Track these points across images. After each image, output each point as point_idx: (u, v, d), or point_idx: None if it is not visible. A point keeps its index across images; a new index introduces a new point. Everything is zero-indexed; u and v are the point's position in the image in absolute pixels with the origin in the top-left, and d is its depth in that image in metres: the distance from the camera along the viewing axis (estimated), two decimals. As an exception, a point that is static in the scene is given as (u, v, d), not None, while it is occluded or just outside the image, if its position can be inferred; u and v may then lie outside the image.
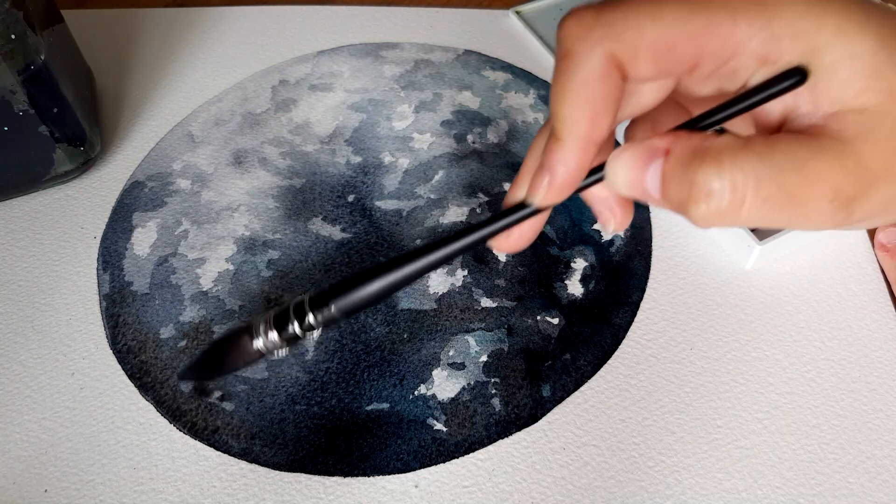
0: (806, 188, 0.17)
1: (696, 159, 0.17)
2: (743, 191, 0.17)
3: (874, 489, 0.30)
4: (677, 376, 0.34)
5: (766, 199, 0.17)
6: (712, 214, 0.17)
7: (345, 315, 0.21)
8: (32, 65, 0.37)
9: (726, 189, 0.17)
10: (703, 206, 0.17)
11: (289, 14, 0.54)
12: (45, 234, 0.40)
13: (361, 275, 0.21)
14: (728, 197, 0.17)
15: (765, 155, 0.17)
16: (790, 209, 0.17)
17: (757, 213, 0.17)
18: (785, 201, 0.17)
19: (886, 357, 0.34)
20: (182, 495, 0.31)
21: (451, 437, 0.32)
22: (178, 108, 0.47)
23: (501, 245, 0.22)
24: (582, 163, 0.19)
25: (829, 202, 0.17)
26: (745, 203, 0.17)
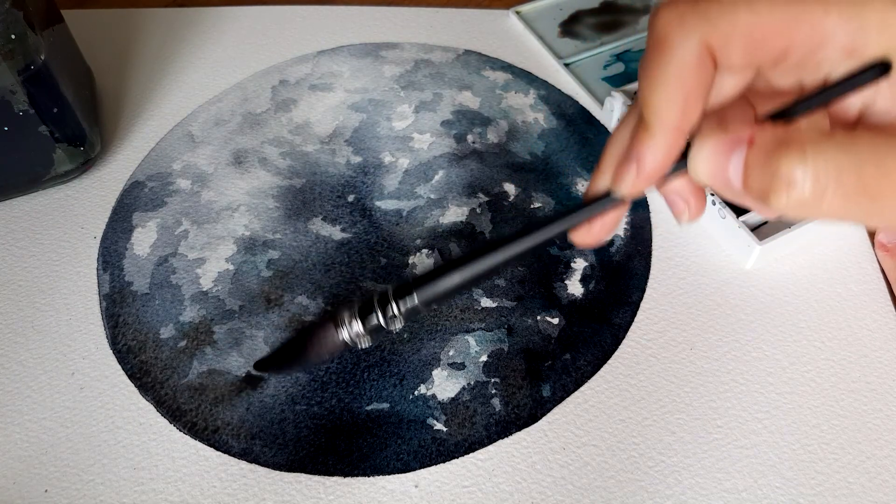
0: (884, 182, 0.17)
1: (780, 148, 0.17)
2: (825, 181, 0.16)
3: (874, 489, 0.30)
4: (677, 376, 0.34)
5: (847, 192, 0.17)
6: (794, 204, 0.17)
7: (427, 305, 0.21)
8: (32, 65, 0.37)
9: (808, 179, 0.17)
10: (785, 196, 0.17)
11: (289, 14, 0.54)
12: (45, 234, 0.40)
13: (444, 266, 0.21)
14: (810, 187, 0.17)
15: (847, 146, 0.17)
16: (868, 203, 0.17)
17: (837, 205, 0.17)
18: (863, 194, 0.17)
19: (886, 357, 0.34)
20: (182, 495, 0.31)
21: (451, 437, 0.32)
22: (178, 108, 0.47)
23: (583, 238, 0.22)
24: (671, 153, 0.19)
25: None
26: (826, 194, 0.17)
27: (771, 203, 0.17)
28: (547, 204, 0.40)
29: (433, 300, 0.21)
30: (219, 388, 0.34)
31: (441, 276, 0.21)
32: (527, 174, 0.42)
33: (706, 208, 0.22)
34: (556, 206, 0.40)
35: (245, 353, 0.35)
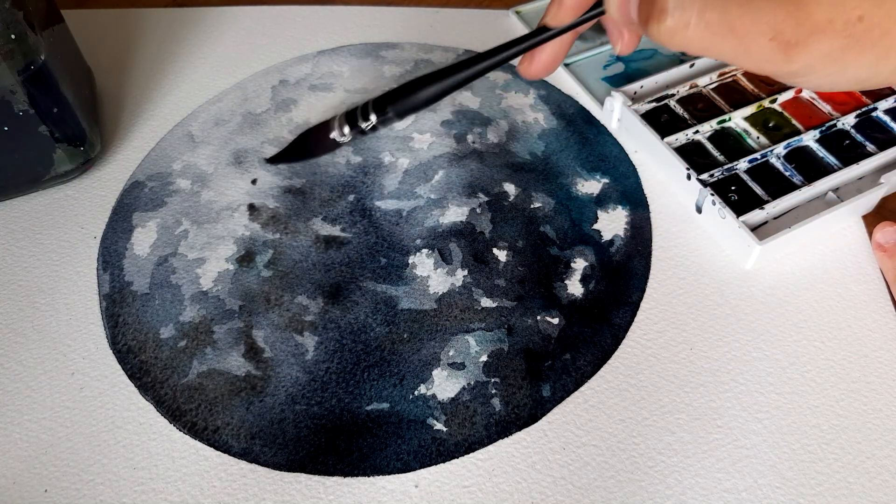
0: (747, 21, 0.19)
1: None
2: (690, 12, 0.19)
3: (874, 489, 0.30)
4: (677, 376, 0.34)
5: (709, 24, 0.19)
6: (664, 31, 0.20)
7: (398, 115, 0.26)
8: (32, 65, 0.37)
9: (676, 9, 0.19)
10: (656, 24, 0.20)
11: (289, 14, 0.54)
12: (45, 234, 0.40)
13: (412, 84, 0.26)
14: (677, 16, 0.20)
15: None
16: (732, 39, 0.19)
17: (701, 36, 0.20)
18: (727, 30, 0.19)
19: (886, 357, 0.34)
20: (182, 495, 0.31)
21: (451, 437, 0.32)
22: (178, 108, 0.47)
23: (526, 68, 0.25)
24: None
25: (769, 41, 0.19)
26: (689, 24, 0.19)
27: (648, 31, 0.20)
28: (547, 204, 0.40)
29: (402, 112, 0.26)
30: (219, 388, 0.34)
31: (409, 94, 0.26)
32: (527, 174, 0.42)
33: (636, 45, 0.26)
34: (556, 205, 0.40)
35: (245, 353, 0.35)
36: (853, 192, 0.39)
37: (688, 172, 0.39)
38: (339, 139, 0.28)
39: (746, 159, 0.40)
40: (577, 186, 0.41)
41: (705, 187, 0.38)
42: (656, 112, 0.44)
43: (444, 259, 0.38)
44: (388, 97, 0.26)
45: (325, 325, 0.36)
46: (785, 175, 0.40)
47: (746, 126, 0.43)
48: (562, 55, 0.25)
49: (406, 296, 0.37)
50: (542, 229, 0.39)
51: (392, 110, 0.26)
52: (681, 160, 0.39)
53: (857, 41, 0.19)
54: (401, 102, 0.26)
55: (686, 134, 0.42)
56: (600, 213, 0.40)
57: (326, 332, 0.35)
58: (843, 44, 0.19)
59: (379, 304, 0.36)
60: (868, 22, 0.19)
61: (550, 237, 0.39)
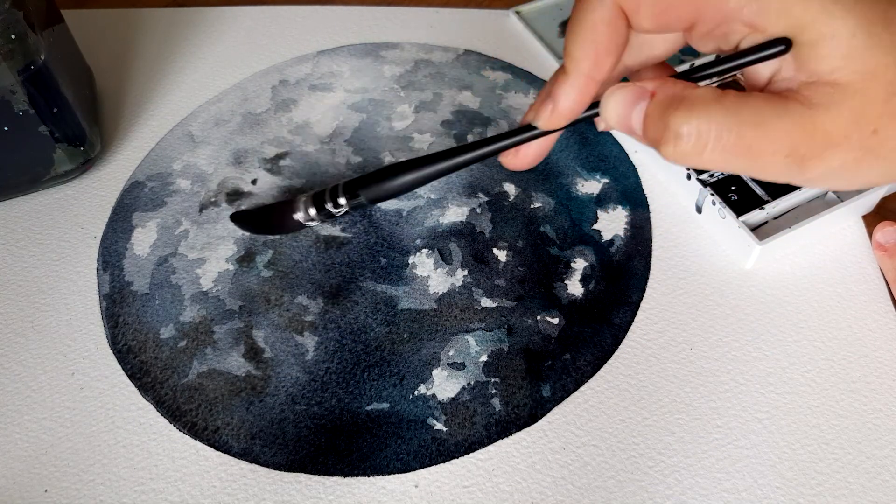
0: (764, 142, 0.19)
1: (673, 105, 0.20)
2: (706, 138, 0.19)
3: (874, 489, 0.30)
4: (677, 376, 0.34)
5: (726, 148, 0.19)
6: (679, 154, 0.20)
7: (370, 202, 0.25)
8: (32, 65, 0.37)
9: (692, 135, 0.19)
10: (671, 147, 0.20)
11: (289, 14, 0.54)
12: (45, 234, 0.40)
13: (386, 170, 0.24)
14: (693, 142, 0.19)
15: (732, 109, 0.19)
16: (747, 159, 0.19)
17: (718, 158, 0.19)
18: (743, 151, 0.19)
19: (886, 357, 0.34)
20: (182, 495, 0.31)
21: (451, 437, 0.32)
22: (178, 108, 0.47)
23: (510, 161, 0.24)
24: (583, 96, 0.21)
25: (784, 157, 0.19)
26: (706, 148, 0.19)
27: (661, 151, 0.20)
28: (547, 204, 0.40)
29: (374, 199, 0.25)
30: (219, 388, 0.34)
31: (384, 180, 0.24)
32: (527, 174, 0.42)
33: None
34: (556, 205, 0.40)
35: (245, 353, 0.35)
36: (853, 192, 0.39)
37: (688, 172, 0.39)
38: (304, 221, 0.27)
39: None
40: (577, 186, 0.41)
41: (705, 187, 0.38)
42: (656, 112, 0.44)
43: (444, 259, 0.38)
44: (360, 182, 0.25)
45: (325, 326, 0.36)
46: (785, 175, 0.40)
47: (746, 126, 0.43)
48: (549, 148, 0.24)
49: (406, 296, 0.37)
50: (542, 229, 0.39)
51: (364, 196, 0.25)
52: (681, 160, 0.39)
53: (872, 152, 0.19)
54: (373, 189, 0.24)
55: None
56: (600, 213, 0.40)
57: (326, 332, 0.35)
58: (857, 156, 0.19)
59: (379, 304, 0.36)
60: (882, 135, 0.19)
61: (550, 237, 0.39)
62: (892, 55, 0.18)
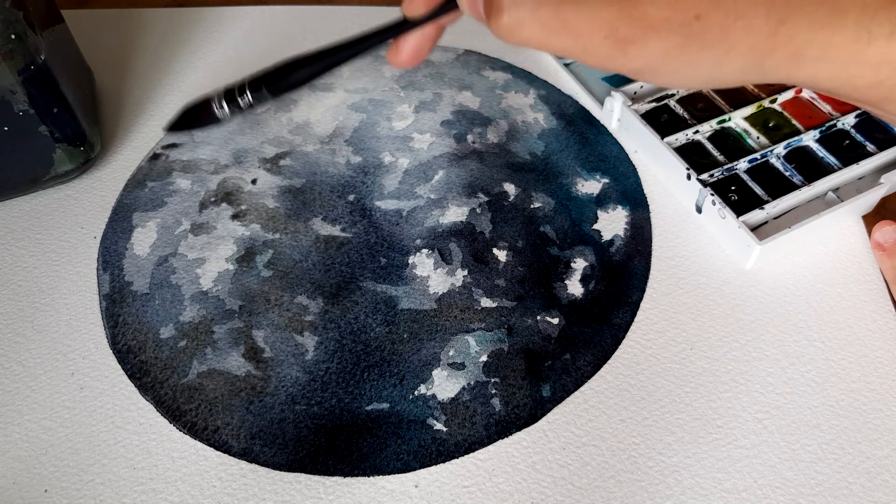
0: (581, 18, 0.19)
1: None
2: (523, 10, 0.20)
3: (874, 489, 0.30)
4: (677, 376, 0.34)
5: (543, 22, 0.20)
6: (502, 29, 0.21)
7: (272, 94, 0.28)
8: (32, 65, 0.37)
9: (511, 6, 0.20)
10: (495, 21, 0.21)
11: (289, 14, 0.54)
12: (45, 234, 0.40)
13: (284, 66, 0.28)
14: (512, 13, 0.20)
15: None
16: (568, 37, 0.20)
17: (538, 34, 0.20)
18: (561, 27, 0.20)
19: (886, 357, 0.34)
20: (182, 495, 0.31)
21: (451, 437, 0.32)
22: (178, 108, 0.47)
23: (393, 57, 0.26)
24: None
25: (604, 38, 0.19)
26: (524, 22, 0.20)
27: (490, 27, 0.21)
28: (547, 204, 0.40)
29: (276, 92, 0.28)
30: (219, 388, 0.34)
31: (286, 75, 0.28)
32: (527, 174, 0.42)
33: None
34: (556, 205, 0.40)
35: (245, 353, 0.35)
36: (853, 192, 0.39)
37: (688, 172, 0.39)
38: (219, 116, 0.30)
39: (746, 159, 0.40)
40: (577, 186, 0.41)
41: (705, 187, 0.38)
42: (656, 112, 0.44)
43: (444, 259, 0.38)
44: (264, 78, 0.28)
45: (325, 325, 0.36)
46: (785, 175, 0.40)
47: (746, 126, 0.43)
48: (427, 47, 0.26)
49: (406, 296, 0.37)
50: (542, 229, 0.39)
51: (266, 90, 0.28)
52: (681, 160, 0.39)
53: (696, 39, 0.19)
54: (276, 84, 0.28)
55: (686, 134, 0.42)
56: (600, 213, 0.40)
57: (326, 332, 0.35)
58: (680, 42, 0.19)
59: (379, 304, 0.36)
60: (705, 21, 0.19)
61: (550, 237, 0.39)
62: None
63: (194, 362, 0.35)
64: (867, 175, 0.40)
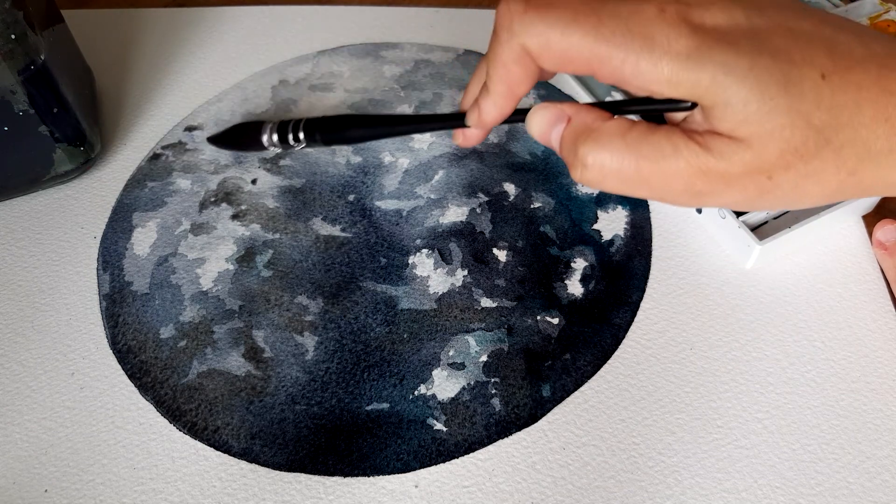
0: (659, 177, 0.22)
1: (583, 135, 0.22)
2: (608, 169, 0.22)
3: (874, 489, 0.30)
4: (677, 376, 0.34)
5: (625, 179, 0.22)
6: (585, 180, 0.23)
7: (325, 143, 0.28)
8: (32, 65, 0.37)
9: (596, 165, 0.22)
10: (578, 173, 0.23)
11: (289, 14, 0.54)
12: (45, 234, 0.40)
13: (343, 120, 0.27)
14: (596, 171, 0.22)
15: (633, 144, 0.22)
16: (647, 189, 0.22)
17: (619, 186, 0.22)
18: (642, 183, 0.22)
19: (886, 357, 0.34)
20: (182, 495, 0.31)
21: (451, 437, 0.32)
22: (178, 108, 0.47)
23: (459, 141, 0.27)
24: (502, 111, 0.25)
25: (682, 192, 0.22)
26: (607, 179, 0.22)
27: (572, 174, 0.23)
28: (547, 204, 0.40)
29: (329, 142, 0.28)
30: (219, 388, 0.34)
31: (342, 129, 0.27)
32: (527, 174, 0.42)
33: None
34: (556, 205, 0.40)
35: (245, 353, 0.35)
36: (853, 192, 0.39)
37: (688, 172, 0.39)
38: (266, 145, 0.29)
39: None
40: (577, 186, 0.41)
41: (705, 187, 0.38)
42: (656, 112, 0.44)
43: (444, 259, 0.38)
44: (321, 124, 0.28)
45: (325, 325, 0.36)
46: (785, 175, 0.40)
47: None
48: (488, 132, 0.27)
49: (406, 296, 0.37)
50: (542, 229, 0.39)
51: (320, 138, 0.28)
52: (681, 160, 0.39)
53: (768, 192, 0.21)
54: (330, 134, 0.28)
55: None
56: (600, 213, 0.40)
57: (326, 332, 0.35)
58: (753, 195, 0.21)
59: (379, 304, 0.36)
60: (776, 180, 0.21)
61: (550, 237, 0.39)
62: (788, 116, 0.20)
63: (194, 362, 0.35)
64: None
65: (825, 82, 0.20)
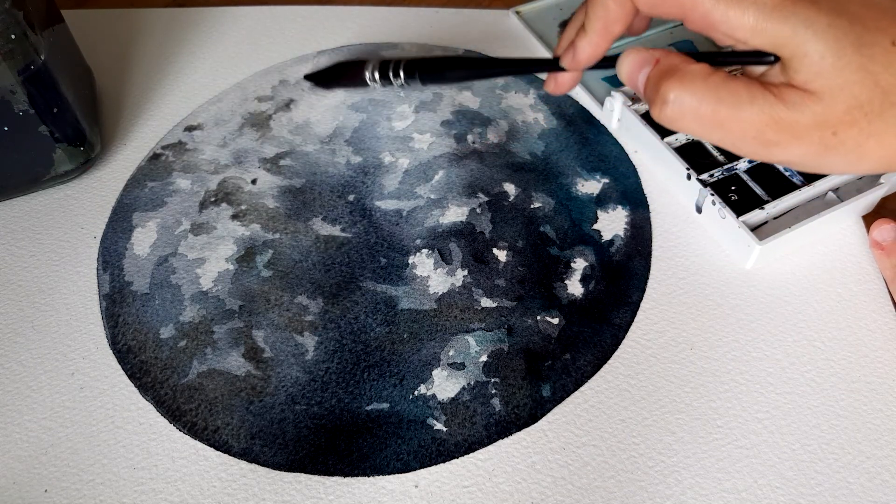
0: (734, 121, 0.23)
1: (668, 74, 0.23)
2: (687, 108, 0.23)
3: (874, 489, 0.30)
4: (677, 376, 0.34)
5: (702, 119, 0.23)
6: (663, 117, 0.24)
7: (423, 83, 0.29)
8: (32, 65, 0.37)
9: (676, 102, 0.23)
10: (658, 109, 0.24)
11: (289, 14, 0.54)
12: (45, 234, 0.40)
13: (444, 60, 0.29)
14: (676, 108, 0.23)
15: (713, 88, 0.23)
16: (721, 132, 0.23)
17: (695, 126, 0.23)
18: (717, 125, 0.23)
19: (886, 357, 0.34)
20: (182, 495, 0.31)
21: (451, 437, 0.32)
22: (178, 108, 0.47)
23: (550, 88, 0.29)
24: (596, 50, 0.26)
25: (752, 138, 0.23)
26: (685, 117, 0.23)
27: (652, 111, 0.24)
28: (547, 204, 0.40)
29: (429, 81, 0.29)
30: (219, 388, 0.34)
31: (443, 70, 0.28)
32: (527, 174, 0.42)
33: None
34: (556, 205, 0.40)
35: (245, 353, 0.35)
36: (853, 192, 0.39)
37: (688, 172, 0.39)
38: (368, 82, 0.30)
39: (746, 159, 0.40)
40: (577, 186, 0.41)
41: (705, 187, 0.38)
42: (656, 112, 0.44)
43: (444, 259, 0.38)
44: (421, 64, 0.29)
45: (325, 325, 0.36)
46: (785, 175, 0.40)
47: (746, 126, 0.43)
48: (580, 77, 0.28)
49: (406, 296, 0.37)
50: (542, 229, 0.39)
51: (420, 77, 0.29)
52: (681, 160, 0.39)
53: (832, 150, 0.23)
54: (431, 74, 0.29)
55: (686, 134, 0.42)
56: (600, 213, 0.40)
57: (326, 332, 0.35)
58: (818, 150, 0.23)
59: (379, 304, 0.36)
60: (842, 136, 0.22)
61: (550, 237, 0.39)
62: (859, 74, 0.21)
63: (194, 362, 0.35)
64: (867, 175, 0.40)
65: (894, 48, 0.21)
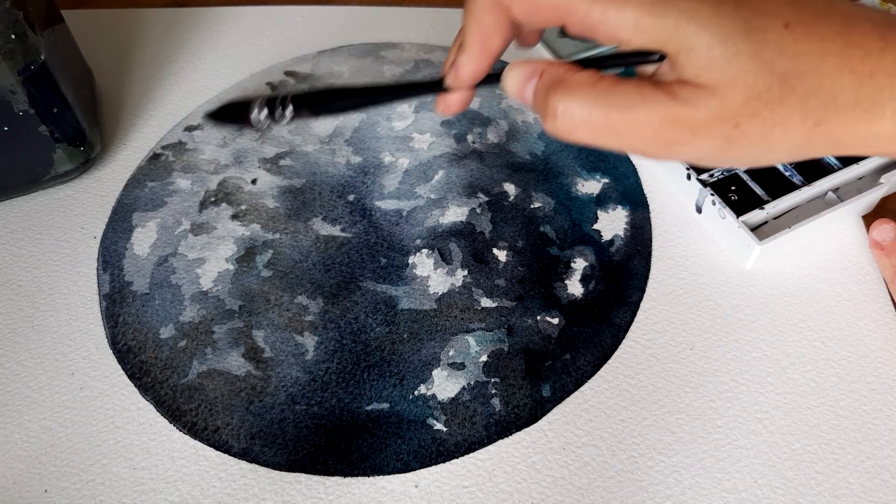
0: (628, 125, 0.21)
1: (554, 86, 0.22)
2: (578, 119, 0.22)
3: (874, 489, 0.30)
4: (677, 376, 0.34)
5: (595, 127, 0.22)
6: (556, 130, 0.22)
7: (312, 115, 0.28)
8: (32, 65, 0.37)
9: (566, 114, 0.22)
10: (549, 124, 0.22)
11: (289, 14, 0.54)
12: (45, 234, 0.40)
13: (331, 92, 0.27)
14: (567, 120, 0.22)
15: (603, 94, 0.22)
16: (616, 139, 0.22)
17: (589, 135, 0.22)
18: (611, 132, 0.22)
19: (886, 357, 0.34)
20: (182, 495, 0.31)
21: (451, 437, 0.32)
22: (178, 108, 0.47)
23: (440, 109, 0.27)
24: (478, 67, 0.25)
25: (651, 141, 0.22)
26: (577, 128, 0.22)
27: (544, 125, 0.23)
28: (547, 204, 0.40)
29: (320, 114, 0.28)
30: (219, 388, 0.34)
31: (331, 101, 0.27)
32: (527, 174, 0.42)
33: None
34: (556, 205, 0.40)
35: (245, 353, 0.35)
36: (853, 192, 0.39)
37: (688, 172, 0.39)
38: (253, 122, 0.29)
39: (746, 159, 0.40)
40: (577, 186, 0.41)
41: (705, 187, 0.38)
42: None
43: (444, 259, 0.38)
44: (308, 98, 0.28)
45: (325, 325, 0.36)
46: (785, 175, 0.40)
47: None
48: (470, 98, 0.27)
49: (406, 296, 0.37)
50: (542, 229, 0.39)
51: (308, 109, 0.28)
52: (681, 160, 0.39)
53: (736, 142, 0.21)
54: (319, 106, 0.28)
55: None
56: (600, 213, 0.40)
57: (326, 332, 0.35)
58: (722, 144, 0.21)
59: (379, 304, 0.36)
60: (744, 128, 0.21)
61: (550, 237, 0.39)
62: (752, 62, 0.20)
63: (194, 362, 0.35)
64: (867, 175, 0.40)
65: (788, 31, 0.20)
